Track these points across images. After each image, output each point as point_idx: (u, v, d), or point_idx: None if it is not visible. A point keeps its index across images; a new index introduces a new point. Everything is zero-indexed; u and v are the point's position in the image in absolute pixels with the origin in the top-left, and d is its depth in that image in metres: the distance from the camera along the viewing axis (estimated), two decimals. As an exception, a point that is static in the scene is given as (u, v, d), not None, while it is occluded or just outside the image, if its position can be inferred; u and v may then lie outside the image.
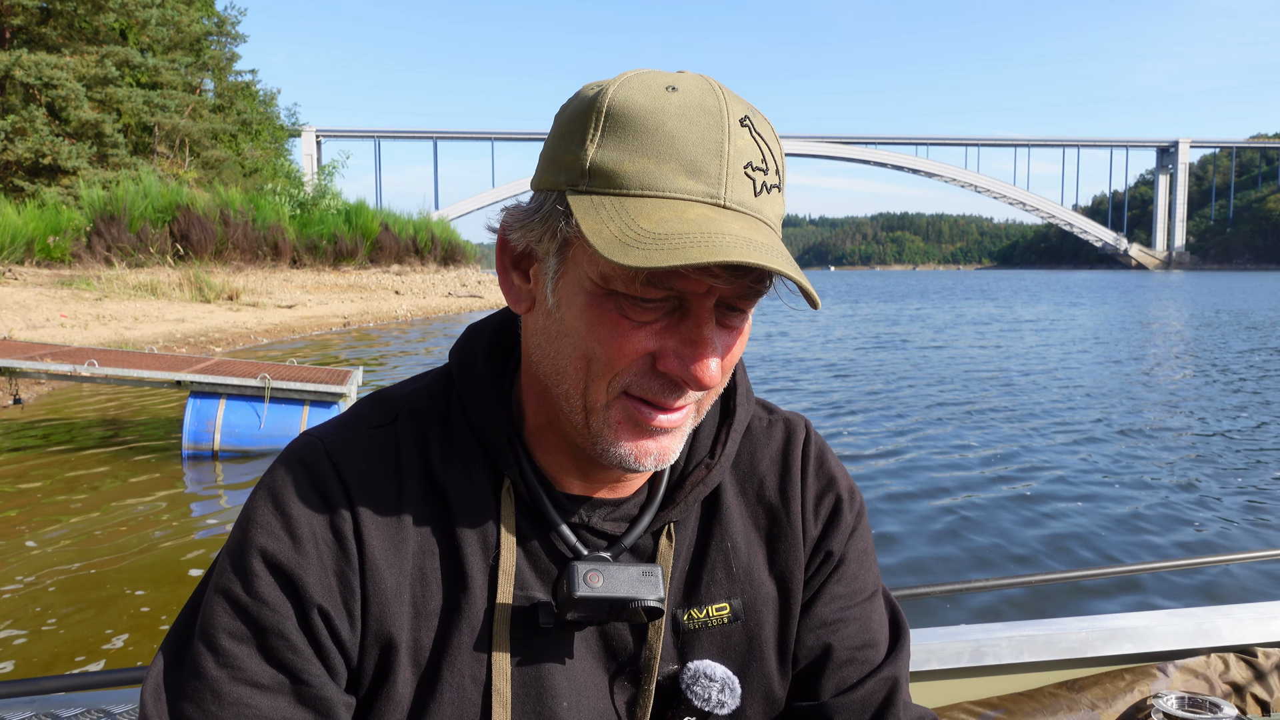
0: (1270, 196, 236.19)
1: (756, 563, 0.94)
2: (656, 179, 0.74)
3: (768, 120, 0.80)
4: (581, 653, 0.88)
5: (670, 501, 0.91)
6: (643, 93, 0.76)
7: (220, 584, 0.83)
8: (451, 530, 0.86)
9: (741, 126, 0.76)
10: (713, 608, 0.91)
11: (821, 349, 19.64)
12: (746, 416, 0.96)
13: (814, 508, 0.97)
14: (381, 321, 24.67)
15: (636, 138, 0.74)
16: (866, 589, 0.99)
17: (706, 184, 0.74)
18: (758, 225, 0.75)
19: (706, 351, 0.77)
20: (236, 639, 0.80)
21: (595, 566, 0.84)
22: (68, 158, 28.88)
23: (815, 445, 1.00)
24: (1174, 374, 15.42)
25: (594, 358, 0.78)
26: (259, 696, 0.80)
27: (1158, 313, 35.99)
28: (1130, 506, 6.83)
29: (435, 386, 0.92)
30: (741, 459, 0.97)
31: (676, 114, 0.74)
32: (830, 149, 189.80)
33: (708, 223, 0.72)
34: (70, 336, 14.93)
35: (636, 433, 0.80)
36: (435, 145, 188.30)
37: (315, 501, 0.83)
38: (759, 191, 0.76)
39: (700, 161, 0.74)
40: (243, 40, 43.54)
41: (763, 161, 0.77)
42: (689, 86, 0.77)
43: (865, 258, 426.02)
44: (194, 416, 7.97)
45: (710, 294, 0.76)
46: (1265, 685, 1.66)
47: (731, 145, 0.75)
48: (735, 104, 0.77)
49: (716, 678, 0.89)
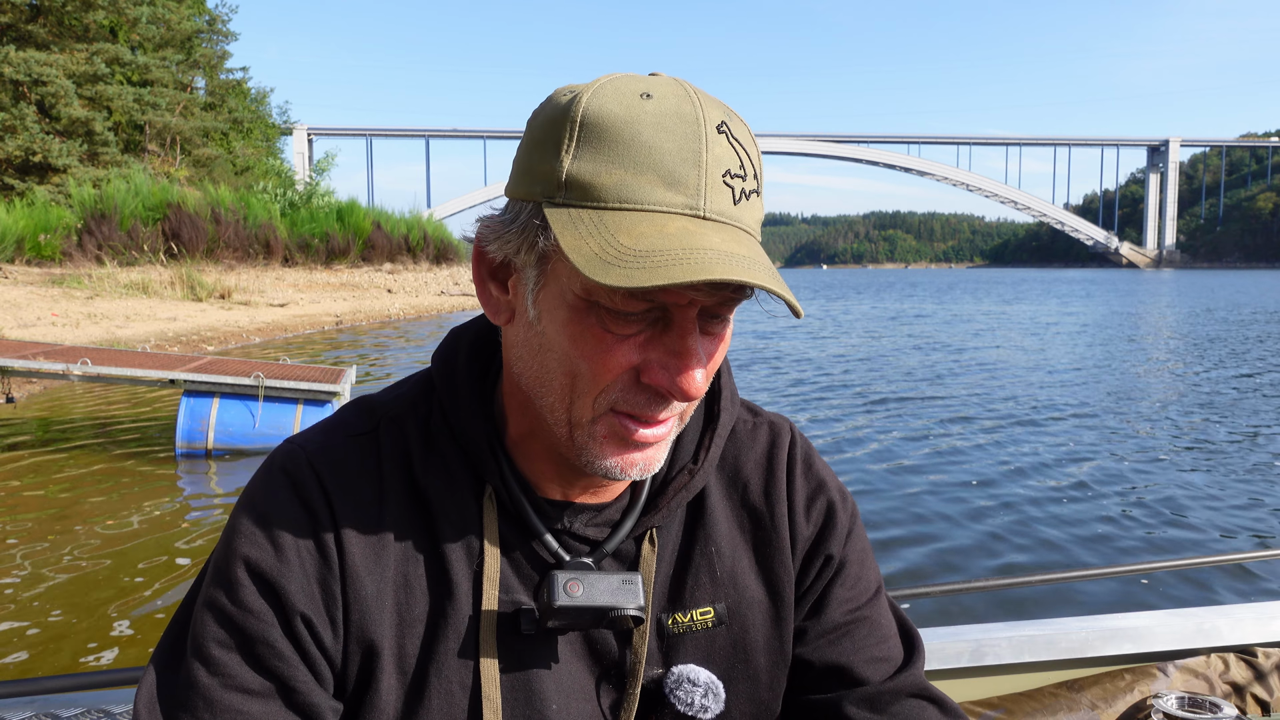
0: (1260, 195, 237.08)
1: (742, 567, 0.93)
2: (634, 191, 0.72)
3: (744, 122, 0.79)
4: (567, 657, 0.88)
5: (653, 507, 0.91)
6: (617, 101, 0.74)
7: (207, 594, 0.84)
8: (435, 537, 0.86)
9: (719, 133, 0.74)
10: (697, 612, 0.91)
11: (814, 346, 19.66)
12: (731, 420, 0.96)
13: (805, 511, 0.96)
14: (374, 320, 24.61)
15: (612, 149, 0.73)
16: (870, 588, 0.99)
17: (685, 195, 0.72)
18: (738, 235, 0.74)
19: (691, 363, 0.76)
20: (225, 647, 0.81)
21: (575, 575, 0.83)
22: (58, 155, 28.71)
23: (800, 448, 0.99)
24: (1173, 372, 15.48)
25: (579, 374, 0.77)
26: (250, 702, 0.80)
27: (1152, 310, 36.09)
28: (1129, 506, 6.85)
29: (416, 392, 0.92)
30: (726, 462, 0.96)
31: (653, 123, 0.73)
32: (822, 147, 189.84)
33: (688, 237, 0.71)
34: (62, 335, 14.85)
35: (622, 447, 0.80)
36: (427, 143, 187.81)
37: (296, 510, 0.84)
38: (738, 199, 0.75)
39: (678, 172, 0.72)
40: (234, 38, 43.32)
41: (741, 168, 0.75)
42: (664, 93, 0.75)
43: (857, 256, 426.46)
44: (187, 415, 7.94)
45: (692, 305, 0.75)
46: (1265, 685, 1.67)
47: (709, 154, 0.73)
48: (712, 109, 0.76)
49: (700, 683, 0.89)
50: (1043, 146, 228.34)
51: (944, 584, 1.85)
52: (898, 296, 52.12)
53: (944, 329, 25.62)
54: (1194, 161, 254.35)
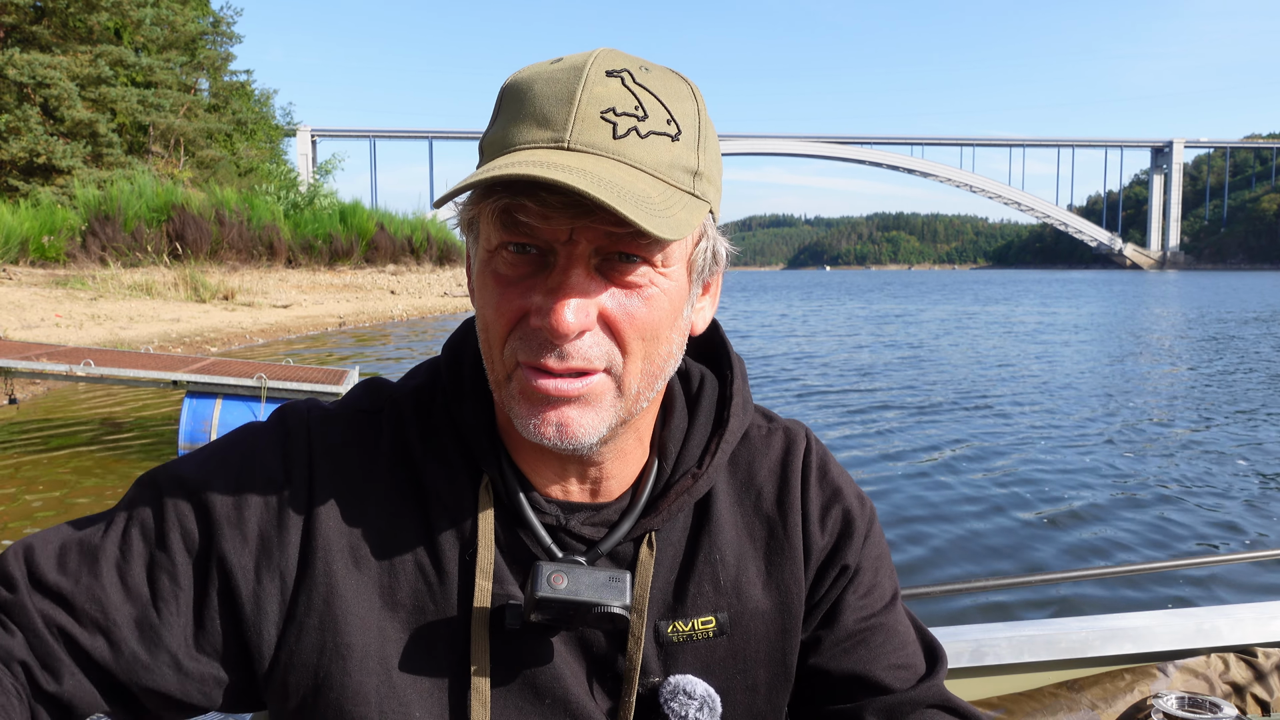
0: (1264, 196, 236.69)
1: (748, 576, 0.91)
2: (513, 136, 0.74)
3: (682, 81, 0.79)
4: (562, 657, 0.86)
5: (652, 510, 0.88)
6: (530, 69, 0.78)
7: (158, 478, 0.85)
8: (426, 523, 0.85)
9: (610, 77, 0.74)
10: (698, 620, 0.88)
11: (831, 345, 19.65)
12: (741, 427, 0.93)
13: (820, 519, 0.94)
14: (377, 321, 24.63)
15: (508, 108, 0.76)
16: (885, 595, 0.97)
17: (553, 130, 0.73)
18: (608, 164, 0.72)
19: (560, 297, 0.73)
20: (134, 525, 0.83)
21: (561, 568, 0.81)
22: (62, 157, 28.80)
23: (816, 455, 0.97)
24: (1173, 373, 15.45)
25: (487, 325, 0.78)
26: (116, 591, 0.80)
27: (1158, 312, 36.04)
28: (1130, 506, 6.84)
29: (424, 379, 0.92)
30: (739, 469, 0.94)
31: (545, 78, 0.75)
32: (826, 149, 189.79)
33: (529, 156, 0.71)
34: (65, 336, 14.89)
35: (533, 402, 0.77)
36: (431, 145, 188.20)
37: (275, 465, 0.84)
38: (621, 134, 0.73)
39: (549, 111, 0.73)
40: (238, 40, 43.39)
41: (637, 108, 0.74)
42: (577, 57, 0.76)
43: (861, 257, 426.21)
44: (190, 416, 7.94)
45: (574, 241, 0.73)
46: (1265, 685, 1.67)
47: (586, 93, 0.73)
48: (616, 61, 0.76)
49: (696, 695, 0.87)
50: (1046, 148, 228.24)
51: (944, 584, 1.85)
52: (897, 296, 52.05)
53: (943, 328, 25.60)
54: (1198, 163, 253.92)
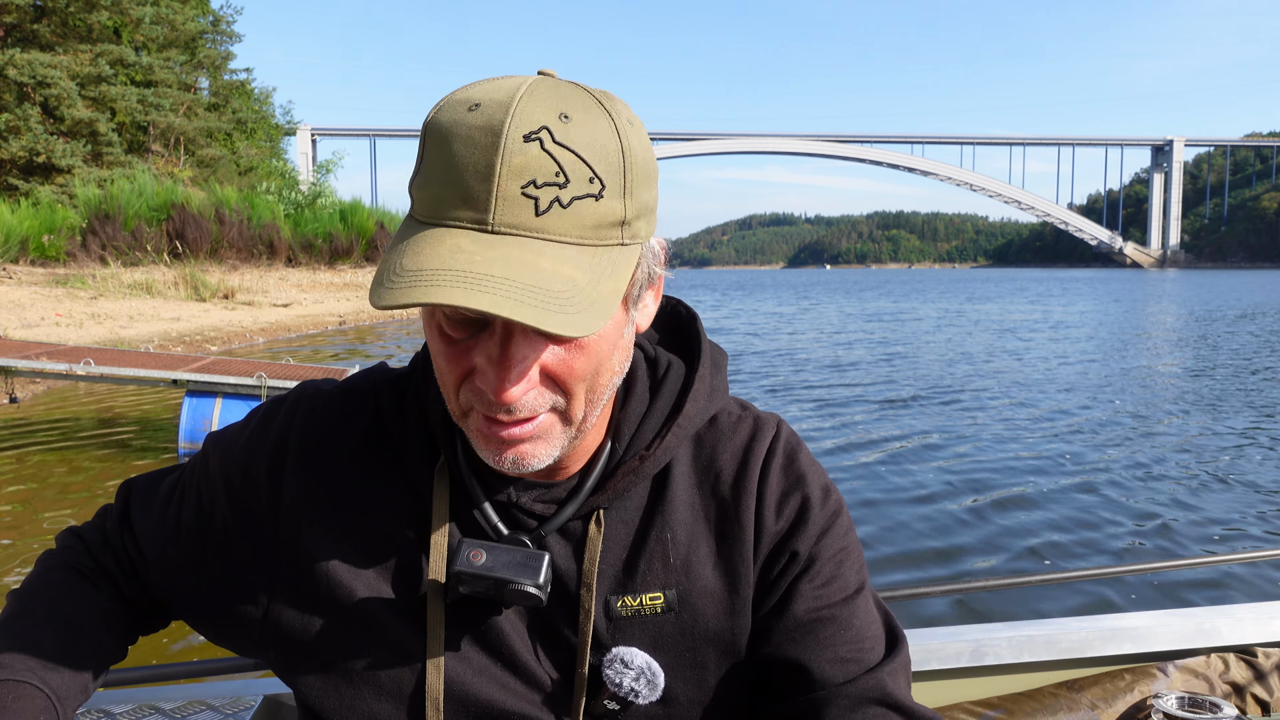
0: (1264, 195, 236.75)
1: (699, 555, 0.92)
2: (440, 207, 0.73)
3: (603, 114, 0.76)
4: (517, 630, 0.90)
5: (601, 488, 0.91)
6: (448, 112, 0.75)
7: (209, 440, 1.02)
8: (390, 499, 0.92)
9: (527, 142, 0.72)
10: (646, 596, 0.91)
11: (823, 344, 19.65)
12: (697, 414, 0.94)
13: (776, 505, 0.94)
14: (377, 320, 24.65)
15: (431, 164, 0.74)
16: (846, 588, 0.95)
17: (475, 210, 0.72)
18: (532, 249, 0.72)
19: (504, 368, 0.76)
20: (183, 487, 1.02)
21: (482, 546, 0.87)
22: (62, 156, 28.81)
23: (784, 444, 0.97)
24: (1173, 372, 15.45)
25: (440, 371, 0.82)
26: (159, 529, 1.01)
27: (1158, 310, 36.05)
28: (1130, 506, 6.84)
29: (408, 368, 0.99)
30: (703, 452, 0.96)
31: (464, 137, 0.72)
32: (826, 147, 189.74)
33: (452, 256, 0.70)
34: (65, 335, 14.89)
35: (489, 440, 0.81)
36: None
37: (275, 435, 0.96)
38: (545, 209, 0.72)
39: (472, 188, 0.72)
40: (238, 39, 43.38)
41: (558, 174, 0.72)
42: (491, 101, 0.73)
43: (861, 256, 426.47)
44: (190, 415, 7.95)
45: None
46: (1265, 685, 1.67)
47: (505, 166, 0.71)
48: (534, 114, 0.73)
49: (633, 665, 0.89)
50: (1046, 146, 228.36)
51: (944, 584, 1.85)
52: (893, 295, 52.09)
53: (946, 328, 25.61)
54: (1198, 161, 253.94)
